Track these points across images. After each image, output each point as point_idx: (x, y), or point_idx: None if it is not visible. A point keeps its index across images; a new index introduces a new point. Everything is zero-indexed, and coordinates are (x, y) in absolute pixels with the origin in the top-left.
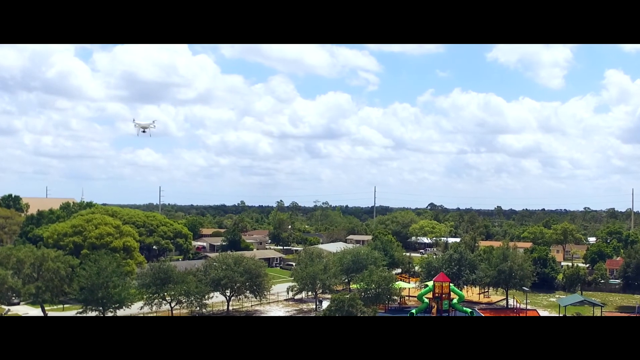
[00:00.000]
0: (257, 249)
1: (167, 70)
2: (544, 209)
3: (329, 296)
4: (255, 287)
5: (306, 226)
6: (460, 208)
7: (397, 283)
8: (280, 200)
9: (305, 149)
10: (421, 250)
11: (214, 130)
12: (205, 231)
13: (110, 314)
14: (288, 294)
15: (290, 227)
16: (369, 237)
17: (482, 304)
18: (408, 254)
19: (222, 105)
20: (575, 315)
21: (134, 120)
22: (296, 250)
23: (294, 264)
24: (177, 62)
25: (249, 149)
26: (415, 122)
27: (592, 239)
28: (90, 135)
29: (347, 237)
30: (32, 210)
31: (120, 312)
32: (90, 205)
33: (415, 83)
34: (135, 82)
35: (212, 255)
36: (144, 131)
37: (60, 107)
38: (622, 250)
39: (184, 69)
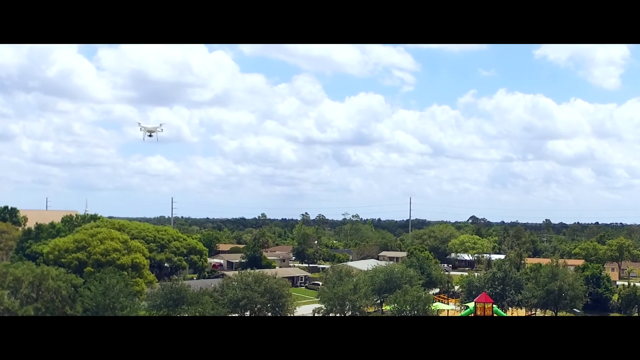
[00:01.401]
0: (280, 267)
1: (181, 69)
2: (597, 223)
3: None
4: (277, 309)
5: (334, 241)
6: (505, 222)
7: (434, 304)
8: (306, 213)
9: (333, 156)
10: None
11: (232, 136)
12: (222, 247)
13: None
14: (314, 316)
15: (316, 242)
16: (404, 254)
17: None
18: (447, 272)
19: (241, 108)
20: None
21: (139, 123)
22: (323, 268)
23: (320, 283)
24: (191, 60)
25: (271, 156)
26: (455, 127)
27: None
28: (95, 141)
29: (380, 254)
30: (31, 224)
31: None
32: (95, 218)
33: (455, 83)
34: (145, 82)
35: (230, 273)
36: (150, 135)
37: (62, 109)
38: None
39: (199, 67)
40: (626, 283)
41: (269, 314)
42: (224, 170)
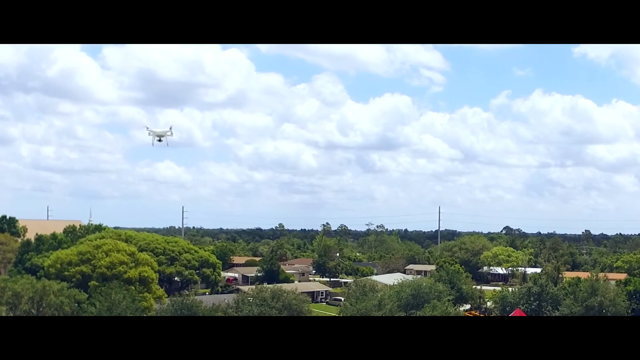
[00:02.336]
0: (299, 281)
1: (192, 68)
2: None
3: None
4: None
5: (357, 254)
6: (542, 233)
7: None
8: (327, 223)
9: (356, 162)
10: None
11: (248, 140)
12: (237, 260)
13: None
14: None
15: (338, 254)
16: (432, 267)
17: None
18: (479, 286)
19: (258, 110)
20: None
21: (147, 127)
22: (345, 283)
23: (342, 298)
24: (203, 59)
25: (290, 161)
26: (488, 130)
27: None
28: (99, 146)
29: (406, 267)
30: (31, 235)
31: None
32: (99, 228)
33: (488, 83)
34: (154, 82)
35: (245, 288)
36: (159, 140)
37: (64, 111)
38: None
39: (211, 66)
40: None
41: None
42: (239, 177)
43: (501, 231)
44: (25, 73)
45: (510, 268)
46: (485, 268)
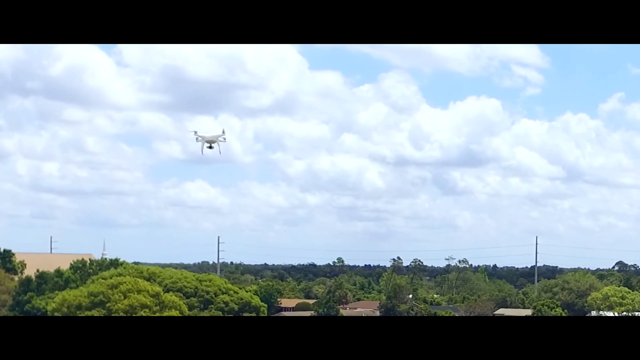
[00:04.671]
0: None
1: (230, 65)
2: None
3: None
4: None
5: (435, 295)
6: None
7: None
8: (397, 258)
9: (433, 182)
10: None
11: (299, 154)
12: (286, 302)
13: None
14: None
15: (411, 296)
16: (528, 312)
17: None
18: None
19: (311, 117)
20: None
21: (195, 132)
22: None
23: None
24: (243, 53)
25: (350, 181)
26: (596, 142)
27: None
28: (114, 161)
29: (496, 312)
30: (30, 271)
31: None
32: (115, 264)
33: (596, 84)
34: (182, 83)
35: None
36: (210, 147)
37: (71, 118)
38: None
39: (254, 63)
40: None
41: None
42: (288, 200)
43: (613, 267)
44: (23, 71)
45: (624, 312)
46: (593, 313)
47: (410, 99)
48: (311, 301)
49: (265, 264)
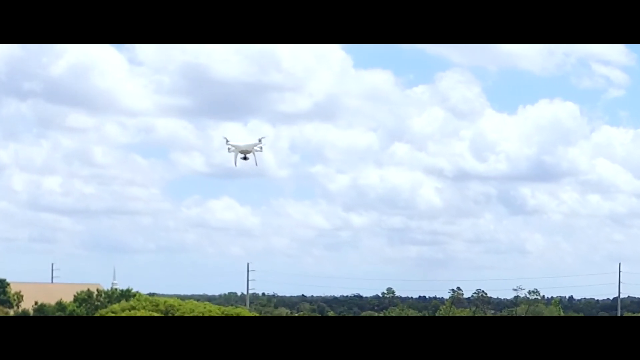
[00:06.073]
0: None
1: (261, 63)
2: None
3: None
4: None
5: None
6: None
7: None
8: (457, 288)
9: (499, 199)
10: None
11: (341, 167)
12: None
13: None
14: None
15: None
16: None
17: None
18: None
19: (356, 123)
20: None
21: (227, 140)
22: None
23: None
24: (278, 50)
25: (402, 198)
26: None
27: None
28: (127, 175)
29: None
30: (28, 304)
31: None
32: (127, 295)
33: None
34: (205, 83)
35: None
36: (245, 158)
37: (75, 125)
38: None
39: (289, 60)
40: None
41: None
42: (329, 220)
43: None
44: (20, 71)
45: None
46: None
47: (472, 103)
48: None
49: (303, 295)
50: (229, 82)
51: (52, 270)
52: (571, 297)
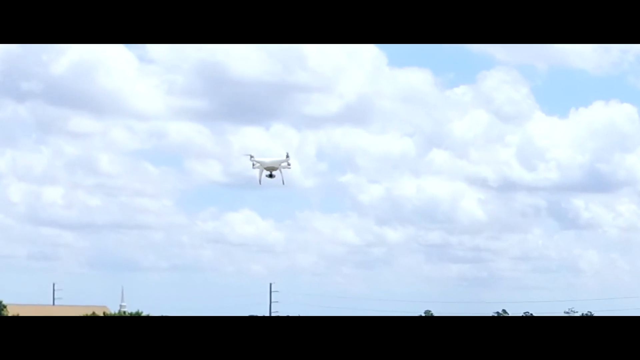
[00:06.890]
0: None
1: (285, 61)
2: None
3: None
4: None
5: None
6: None
7: None
8: (503, 310)
9: (549, 212)
10: None
11: (374, 176)
12: None
13: None
14: None
15: None
16: None
17: None
18: None
19: (391, 128)
20: None
21: (251, 156)
22: None
23: None
24: (303, 47)
25: (441, 210)
26: None
27: None
28: (136, 185)
29: None
30: None
31: None
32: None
33: None
34: (223, 84)
35: None
36: (271, 175)
37: (79, 130)
38: None
39: (316, 58)
40: None
41: None
42: (361, 236)
43: None
44: (17, 69)
45: None
46: None
47: (519, 105)
48: None
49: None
50: (249, 82)
51: (54, 290)
52: None
